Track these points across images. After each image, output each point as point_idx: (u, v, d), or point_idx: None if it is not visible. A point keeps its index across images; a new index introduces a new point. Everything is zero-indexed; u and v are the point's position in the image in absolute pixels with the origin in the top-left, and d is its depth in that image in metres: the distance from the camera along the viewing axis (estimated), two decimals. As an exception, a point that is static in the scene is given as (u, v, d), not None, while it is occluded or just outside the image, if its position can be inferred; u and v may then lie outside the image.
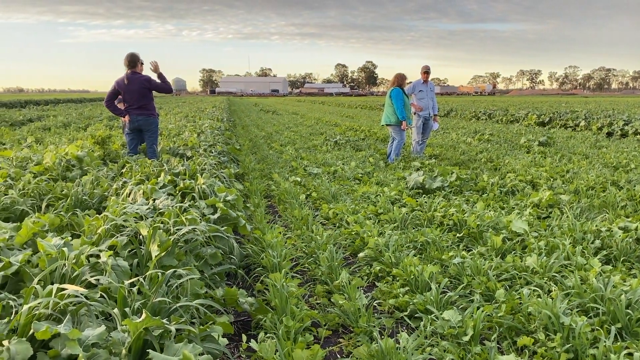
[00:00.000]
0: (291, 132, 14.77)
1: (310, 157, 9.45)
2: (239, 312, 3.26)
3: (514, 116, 19.94)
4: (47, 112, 22.53)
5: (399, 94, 8.94)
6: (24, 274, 2.57)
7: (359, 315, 3.00)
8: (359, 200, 5.97)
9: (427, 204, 5.45)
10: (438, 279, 3.43)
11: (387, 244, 4.11)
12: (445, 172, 6.70)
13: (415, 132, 9.64)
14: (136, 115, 6.81)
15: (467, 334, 2.70)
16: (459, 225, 4.71)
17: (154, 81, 6.77)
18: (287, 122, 19.83)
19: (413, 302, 3.16)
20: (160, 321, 1.78)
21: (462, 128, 16.42)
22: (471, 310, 2.93)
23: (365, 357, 2.53)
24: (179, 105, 30.62)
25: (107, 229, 3.08)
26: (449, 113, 25.76)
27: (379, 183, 6.94)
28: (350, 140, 11.94)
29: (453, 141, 12.31)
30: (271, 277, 3.22)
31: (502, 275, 3.54)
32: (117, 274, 2.49)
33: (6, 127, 13.97)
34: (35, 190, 4.38)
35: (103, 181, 4.93)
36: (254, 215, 5.22)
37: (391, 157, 9.13)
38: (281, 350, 2.48)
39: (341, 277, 3.48)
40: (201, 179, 4.36)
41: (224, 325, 2.51)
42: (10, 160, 5.84)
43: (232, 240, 3.69)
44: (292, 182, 6.96)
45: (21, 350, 1.71)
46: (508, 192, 6.27)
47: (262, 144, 11.91)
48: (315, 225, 4.84)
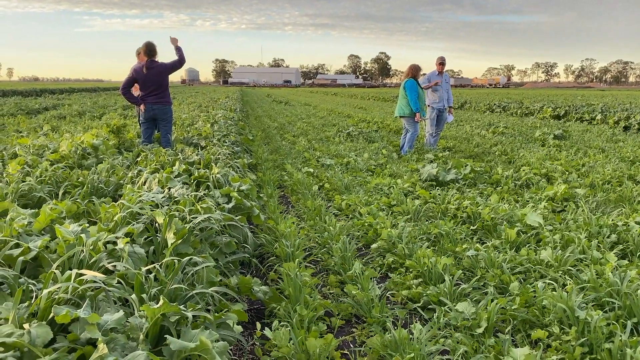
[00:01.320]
0: (304, 123, 14.76)
1: (322, 149, 9.44)
2: (252, 301, 3.29)
3: (529, 109, 19.74)
4: (62, 101, 22.75)
5: (414, 85, 8.88)
6: (42, 259, 2.62)
7: (372, 306, 3.01)
8: (372, 191, 5.96)
9: (441, 197, 5.43)
10: (451, 271, 3.42)
11: (401, 236, 4.11)
12: (459, 164, 6.67)
13: (429, 124, 9.58)
14: (152, 104, 6.85)
15: (480, 326, 2.70)
16: (472, 218, 4.68)
17: (169, 63, 6.80)
18: (300, 113, 19.82)
19: (426, 293, 3.16)
20: (178, 307, 1.80)
21: (476, 120, 16.29)
22: (485, 302, 2.92)
23: (379, 347, 2.53)
24: (192, 95, 30.72)
25: (124, 216, 3.11)
26: (462, 105, 25.56)
27: (392, 175, 6.92)
28: (363, 132, 11.91)
29: (467, 134, 12.22)
30: (285, 267, 3.24)
31: (516, 268, 3.52)
32: (133, 261, 2.52)
33: (23, 115, 14.13)
34: (52, 177, 4.43)
35: (118, 169, 4.97)
36: (267, 205, 5.24)
37: (404, 149, 9.09)
38: (295, 339, 2.49)
39: (354, 268, 3.48)
40: (215, 169, 4.38)
41: (239, 313, 2.53)
42: (28, 148, 5.91)
43: (246, 229, 3.71)
44: (305, 173, 6.97)
45: (41, 334, 1.73)
46: (523, 185, 6.23)
47: (275, 135, 11.92)
48: (328, 216, 4.84)
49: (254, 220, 4.12)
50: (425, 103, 9.34)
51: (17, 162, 4.78)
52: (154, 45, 6.78)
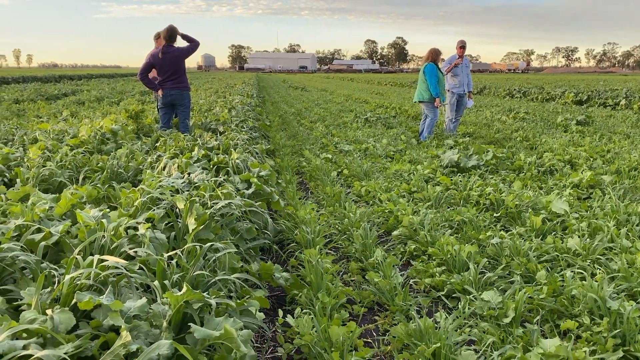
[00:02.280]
0: (321, 109, 14.66)
1: (340, 134, 9.36)
2: (273, 287, 3.26)
3: (550, 94, 19.35)
4: (80, 87, 22.92)
5: (433, 70, 8.73)
6: (64, 244, 2.60)
7: (395, 294, 2.96)
8: (391, 178, 5.88)
9: (462, 183, 5.34)
10: (476, 259, 3.35)
11: (422, 223, 4.04)
12: (480, 150, 6.54)
13: (449, 110, 9.43)
14: (169, 89, 6.82)
15: (508, 316, 2.63)
16: (496, 205, 4.59)
17: (184, 47, 6.77)
18: (316, 98, 19.70)
19: (450, 281, 3.10)
20: (201, 295, 1.76)
21: (495, 106, 16.02)
22: (512, 291, 2.85)
23: (403, 335, 2.48)
24: (209, 81, 30.73)
25: (144, 201, 3.09)
26: (481, 90, 25.18)
27: (412, 161, 6.82)
28: (381, 117, 11.78)
29: (487, 119, 12.02)
30: (306, 253, 3.19)
31: (542, 257, 3.44)
32: (155, 247, 2.49)
33: (42, 100, 14.24)
34: (72, 162, 4.43)
35: (137, 154, 4.96)
36: (285, 191, 5.20)
37: (423, 135, 8.96)
38: (318, 326, 2.45)
39: (375, 255, 3.43)
40: (235, 154, 4.34)
41: (261, 299, 2.50)
42: (48, 133, 5.93)
43: (266, 215, 3.67)
44: (323, 159, 6.90)
45: (64, 320, 1.71)
46: (546, 172, 6.09)
47: (292, 121, 11.86)
48: (348, 202, 4.78)
49: (274, 206, 4.08)
50: (445, 88, 9.19)
51: (38, 147, 4.79)
52: (176, 30, 6.73)
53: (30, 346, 1.52)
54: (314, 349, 2.39)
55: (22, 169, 3.96)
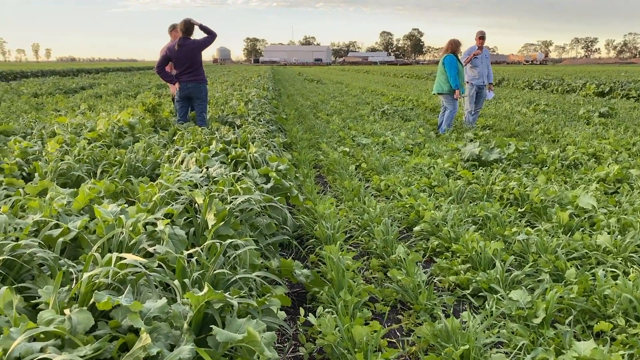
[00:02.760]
0: (337, 102, 14.54)
1: (357, 127, 9.25)
2: (293, 284, 3.19)
3: (571, 86, 18.98)
4: (98, 81, 23.07)
5: (453, 61, 8.56)
6: (82, 240, 2.56)
7: (419, 292, 2.87)
8: (411, 171, 5.77)
9: (484, 177, 5.21)
10: (502, 256, 3.24)
11: (445, 218, 3.94)
12: (502, 143, 6.40)
13: (468, 102, 9.26)
14: (186, 83, 6.78)
15: (538, 316, 2.53)
16: (520, 200, 4.46)
17: (201, 39, 6.71)
18: (332, 91, 19.57)
19: (476, 279, 3.00)
20: (223, 295, 1.69)
21: (515, 98, 15.75)
22: (541, 290, 2.74)
23: (429, 336, 2.40)
24: (225, 74, 30.73)
25: (162, 196, 3.04)
26: (500, 82, 24.80)
27: (432, 154, 6.70)
28: (398, 110, 11.63)
29: (507, 111, 11.80)
30: (326, 249, 3.12)
31: (570, 254, 3.32)
32: (174, 243, 2.44)
33: (61, 94, 14.34)
34: (90, 156, 4.40)
35: (155, 148, 4.92)
36: (304, 185, 5.12)
37: (442, 128, 8.82)
38: (341, 326, 2.38)
39: (397, 251, 3.34)
40: (253, 148, 4.27)
41: (282, 297, 2.43)
42: (66, 126, 5.93)
43: (285, 210, 3.60)
44: (341, 153, 6.81)
45: (83, 320, 1.66)
46: (570, 166, 5.93)
47: (308, 114, 11.76)
48: (367, 197, 4.69)
49: (292, 200, 4.01)
50: (464, 80, 9.02)
51: (56, 141, 4.77)
52: (192, 22, 6.68)
53: (47, 349, 1.46)
54: (337, 349, 2.32)
55: (41, 163, 3.94)
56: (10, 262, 2.14)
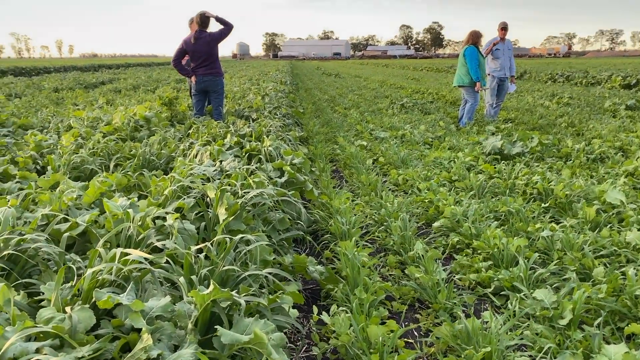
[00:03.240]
0: (355, 95, 14.39)
1: (375, 121, 9.11)
2: (307, 280, 3.11)
3: (595, 78, 18.50)
4: (118, 76, 23.25)
5: (474, 53, 8.36)
6: (90, 234, 2.50)
7: (438, 290, 2.75)
8: (430, 165, 5.63)
9: (507, 171, 5.05)
10: (525, 253, 3.10)
11: (466, 214, 3.80)
12: (525, 136, 6.21)
13: (490, 94, 9.04)
14: (202, 76, 6.72)
15: (564, 317, 2.39)
16: (544, 195, 4.30)
17: (217, 31, 6.65)
18: (350, 85, 19.40)
19: (498, 277, 2.87)
20: (229, 293, 1.61)
21: (537, 91, 15.40)
22: (567, 290, 2.60)
23: (448, 337, 2.29)
24: (243, 69, 30.75)
25: (174, 190, 2.97)
26: (522, 75, 24.33)
27: (452, 148, 6.54)
28: (418, 103, 11.45)
29: (529, 104, 11.53)
30: (341, 245, 3.02)
31: (598, 252, 3.16)
32: (183, 238, 2.36)
33: (81, 89, 14.46)
34: (104, 149, 4.36)
35: (170, 142, 4.87)
36: (319, 179, 5.03)
37: (463, 121, 8.63)
38: (355, 325, 2.28)
39: (416, 248, 3.23)
40: (267, 141, 4.19)
41: (294, 295, 2.34)
42: (82, 120, 5.92)
43: (299, 205, 3.50)
44: (358, 147, 6.69)
45: (84, 318, 1.59)
46: (596, 159, 5.72)
47: (326, 107, 11.65)
48: (385, 191, 4.57)
49: (307, 195, 3.91)
50: (486, 72, 8.81)
51: (71, 134, 4.75)
52: (208, 14, 6.61)
53: (44, 349, 1.39)
54: (351, 350, 2.23)
55: (54, 156, 3.91)
56: (16, 257, 2.09)
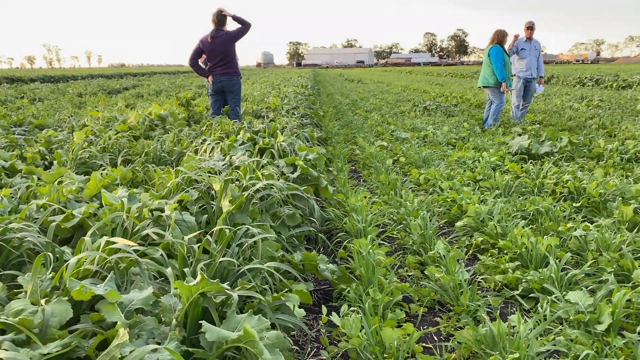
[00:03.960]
0: (377, 100, 14.17)
1: (397, 123, 8.87)
2: (320, 281, 2.91)
3: (627, 81, 17.89)
4: (141, 82, 23.49)
5: (499, 52, 8.08)
6: (87, 227, 2.36)
7: (460, 292, 2.52)
8: (453, 165, 5.38)
9: (535, 171, 4.77)
10: (556, 253, 2.85)
11: (491, 212, 3.56)
12: (554, 136, 5.91)
13: (515, 96, 8.73)
14: (219, 76, 6.61)
15: (602, 322, 2.14)
16: (575, 194, 4.02)
17: (234, 30, 6.54)
18: (373, 90, 19.19)
19: (526, 279, 2.63)
20: (220, 285, 1.42)
21: (565, 94, 14.95)
22: (605, 292, 2.35)
23: (471, 342, 2.06)
24: (266, 76, 30.82)
25: (179, 183, 2.82)
26: (549, 80, 23.76)
27: (476, 148, 6.28)
28: (441, 106, 11.17)
29: (557, 107, 11.14)
30: (355, 243, 2.81)
31: (637, 252, 2.89)
32: (182, 230, 2.19)
33: (104, 94, 14.57)
34: (115, 146, 4.25)
35: (184, 139, 4.75)
36: (337, 179, 4.83)
37: (488, 123, 8.33)
38: (367, 328, 2.07)
39: (436, 247, 3.00)
40: (281, 137, 4.01)
41: (301, 294, 2.14)
42: (97, 119, 5.85)
43: (312, 201, 3.31)
44: (378, 147, 6.48)
45: (59, 312, 1.42)
46: (631, 160, 5.39)
47: (346, 111, 11.46)
48: (405, 190, 4.35)
49: (322, 193, 3.72)
50: (512, 72, 8.51)
51: (83, 132, 4.66)
52: (225, 12, 6.51)
53: (3, 344, 1.23)
54: (362, 354, 2.02)
55: (62, 151, 3.80)
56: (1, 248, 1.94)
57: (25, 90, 14.78)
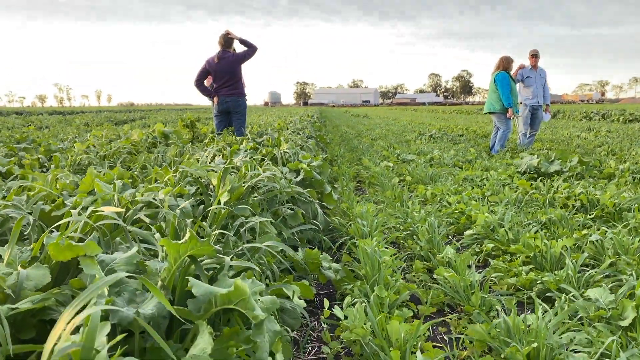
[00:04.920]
0: (382, 130, 14.18)
1: (403, 148, 8.81)
2: (322, 285, 2.76)
3: (633, 115, 17.87)
4: (149, 115, 23.75)
5: (505, 78, 8.06)
6: (78, 216, 2.25)
7: (471, 292, 2.37)
8: (461, 183, 5.26)
9: (545, 188, 4.64)
10: (572, 255, 2.70)
11: (502, 220, 3.42)
12: (564, 156, 5.80)
13: (522, 123, 8.66)
14: (225, 97, 6.60)
15: (625, 318, 1.98)
16: (589, 206, 3.88)
17: (240, 52, 6.56)
18: (378, 123, 19.26)
19: (542, 280, 2.47)
20: (211, 247, 1.30)
21: (572, 127, 14.92)
22: (626, 288, 2.19)
23: (484, 335, 1.90)
24: (273, 112, 31.13)
25: (177, 180, 2.72)
26: (555, 115, 23.81)
27: (484, 168, 6.17)
28: (447, 134, 11.14)
29: (565, 137, 11.07)
30: (360, 242, 2.68)
31: (658, 257, 2.73)
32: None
33: (110, 124, 14.68)
34: (116, 155, 4.18)
35: (186, 152, 4.68)
36: (342, 195, 4.71)
37: (495, 149, 8.24)
38: (373, 317, 1.92)
39: (445, 252, 2.86)
40: (284, 145, 3.93)
41: (302, 286, 2.00)
42: (100, 137, 5.81)
43: (316, 205, 3.20)
44: (384, 167, 6.38)
45: (36, 276, 1.30)
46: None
47: (352, 139, 11.44)
48: (411, 202, 4.23)
49: (326, 200, 3.61)
50: (518, 100, 8.48)
51: (85, 144, 4.60)
52: (232, 35, 6.55)
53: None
54: (367, 347, 1.86)
55: (60, 156, 3.73)
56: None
57: (32, 119, 14.92)
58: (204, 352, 1.04)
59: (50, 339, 0.87)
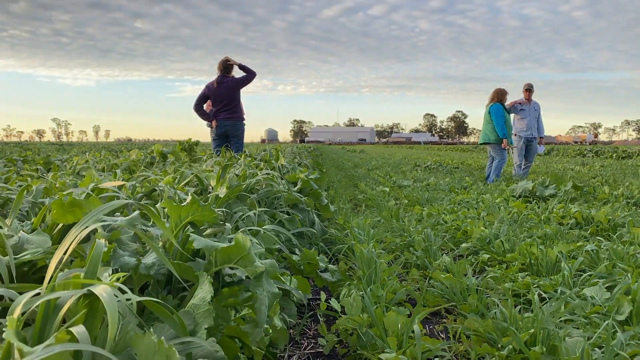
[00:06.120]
0: (378, 162, 14.29)
1: (399, 176, 8.87)
2: (318, 290, 2.75)
3: (626, 152, 18.11)
4: (147, 146, 23.87)
5: (499, 110, 8.22)
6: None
7: (468, 294, 2.37)
8: (457, 205, 5.29)
9: (540, 209, 4.67)
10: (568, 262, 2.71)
11: (498, 232, 3.44)
12: (559, 181, 5.86)
13: (517, 155, 8.78)
14: (224, 120, 6.70)
15: (622, 313, 1.98)
16: (583, 223, 3.91)
17: (239, 77, 6.69)
18: (374, 157, 19.42)
19: (538, 284, 2.48)
20: (213, 211, 1.32)
21: (567, 162, 15.08)
22: (622, 285, 2.20)
23: (480, 327, 1.89)
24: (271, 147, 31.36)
25: (176, 181, 2.74)
26: (549, 152, 24.09)
27: (480, 193, 6.21)
28: (443, 166, 11.23)
29: (559, 169, 11.19)
30: (357, 245, 2.69)
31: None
32: (175, 207, 2.09)
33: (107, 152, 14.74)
34: (114, 168, 4.21)
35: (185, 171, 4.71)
36: (338, 213, 4.73)
37: (490, 178, 8.32)
38: (370, 306, 1.91)
39: (442, 259, 2.87)
40: (282, 159, 3.98)
41: (300, 280, 2.00)
42: (98, 156, 5.85)
43: (312, 214, 3.21)
44: (380, 192, 6.41)
45: (37, 241, 1.31)
46: (637, 203, 5.30)
47: (349, 169, 11.51)
48: (408, 219, 4.24)
49: (323, 212, 3.62)
50: (513, 132, 8.63)
51: (83, 159, 4.64)
52: (231, 61, 6.70)
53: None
54: (364, 336, 1.85)
55: (59, 164, 3.75)
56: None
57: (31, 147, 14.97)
58: (204, 301, 1.05)
59: (53, 261, 0.88)
